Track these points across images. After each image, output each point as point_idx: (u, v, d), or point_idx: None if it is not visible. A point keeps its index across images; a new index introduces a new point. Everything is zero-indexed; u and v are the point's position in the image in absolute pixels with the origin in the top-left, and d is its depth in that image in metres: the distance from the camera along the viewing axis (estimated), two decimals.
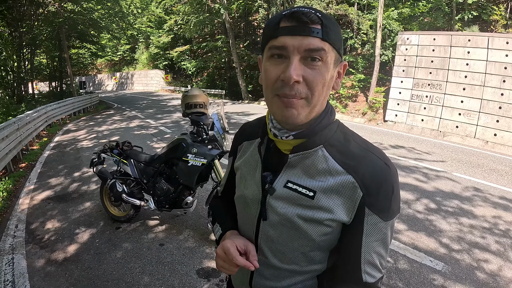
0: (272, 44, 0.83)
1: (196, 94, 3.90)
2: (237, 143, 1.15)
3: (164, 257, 3.65)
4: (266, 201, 0.96)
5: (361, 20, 16.04)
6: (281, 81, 0.81)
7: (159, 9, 34.87)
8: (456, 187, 6.07)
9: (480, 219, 4.75)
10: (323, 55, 0.80)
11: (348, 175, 0.87)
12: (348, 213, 0.88)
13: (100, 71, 51.50)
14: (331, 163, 0.89)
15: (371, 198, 0.86)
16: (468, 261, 3.67)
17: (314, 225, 0.90)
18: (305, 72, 0.80)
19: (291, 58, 0.80)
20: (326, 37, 0.80)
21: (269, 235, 0.97)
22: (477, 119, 11.17)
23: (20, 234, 4.25)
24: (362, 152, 0.90)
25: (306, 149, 0.90)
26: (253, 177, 1.01)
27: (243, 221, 1.08)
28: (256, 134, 1.05)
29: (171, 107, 20.13)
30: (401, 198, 5.20)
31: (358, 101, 16.30)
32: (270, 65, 0.84)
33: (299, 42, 0.79)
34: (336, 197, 0.88)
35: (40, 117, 11.31)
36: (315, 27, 0.79)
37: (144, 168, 4.20)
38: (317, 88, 0.82)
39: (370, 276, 0.91)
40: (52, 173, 6.87)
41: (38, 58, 29.50)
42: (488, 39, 10.96)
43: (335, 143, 0.91)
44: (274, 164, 0.96)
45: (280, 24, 0.81)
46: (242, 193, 1.05)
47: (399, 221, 4.56)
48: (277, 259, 0.98)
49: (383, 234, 0.90)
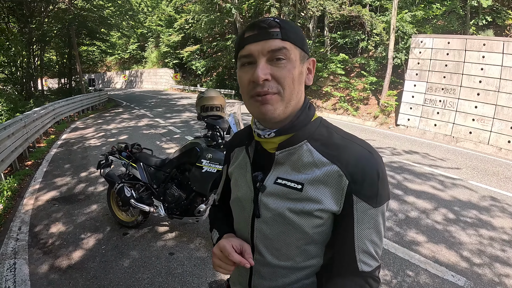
0: (240, 54, 0.92)
1: (213, 96, 3.65)
2: (229, 151, 1.20)
3: (174, 267, 3.48)
4: (258, 199, 0.99)
5: (374, 22, 15.80)
6: (252, 83, 0.89)
7: (170, 8, 34.81)
8: (473, 196, 5.88)
9: (499, 231, 4.58)
10: (286, 53, 0.88)
11: (332, 165, 0.90)
12: (336, 203, 0.90)
13: (109, 69, 51.72)
14: (316, 155, 0.93)
15: (357, 185, 0.88)
16: (490, 276, 3.51)
17: (305, 217, 0.92)
18: (273, 71, 0.88)
19: (258, 61, 0.88)
20: (286, 37, 0.88)
21: (264, 233, 1.00)
22: (491, 125, 10.90)
23: (23, 237, 4.11)
24: (345, 142, 0.93)
25: (291, 145, 0.95)
26: (245, 178, 1.05)
27: (238, 222, 1.11)
28: (245, 140, 1.10)
29: (180, 106, 20.01)
30: (419, 207, 5.12)
31: (369, 104, 16.06)
32: (242, 73, 0.92)
33: (262, 46, 0.88)
34: (323, 187, 0.91)
35: (48, 114, 11.24)
36: (274, 30, 0.88)
37: (154, 173, 4.01)
38: (287, 83, 0.88)
39: (366, 265, 0.92)
40: (58, 172, 6.75)
41: (48, 55, 29.60)
42: (503, 43, 10.70)
43: (319, 137, 0.95)
44: (264, 164, 1.01)
45: (245, 35, 0.91)
46: (236, 196, 1.09)
47: (418, 232, 4.39)
48: (273, 257, 1.00)
49: (375, 221, 0.92)
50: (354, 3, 17.74)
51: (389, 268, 3.53)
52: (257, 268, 1.04)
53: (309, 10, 17.31)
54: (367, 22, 16.32)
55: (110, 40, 31.09)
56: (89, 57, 35.26)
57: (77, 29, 22.71)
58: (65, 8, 20.75)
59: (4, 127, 6.85)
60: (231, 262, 0.97)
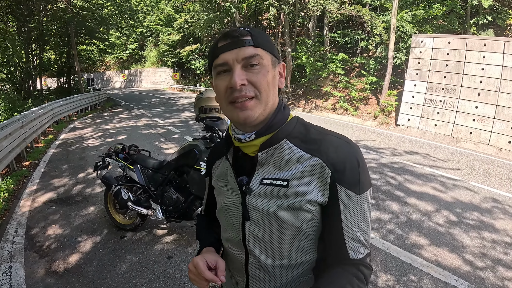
0: (215, 63, 0.95)
1: (212, 97, 3.56)
2: (210, 164, 1.22)
3: (173, 272, 3.41)
4: (246, 202, 1.00)
5: (375, 22, 15.73)
6: (229, 89, 0.92)
7: (169, 7, 34.71)
8: (475, 197, 5.84)
9: (502, 233, 4.53)
10: (259, 59, 0.92)
11: (314, 158, 0.93)
12: (322, 193, 0.93)
13: (108, 68, 51.64)
14: (297, 152, 0.96)
15: (339, 174, 0.91)
16: (493, 280, 3.46)
17: (295, 212, 0.94)
18: (248, 76, 0.91)
19: (233, 68, 0.91)
20: (257, 44, 0.92)
21: (256, 235, 1.00)
22: (491, 126, 10.86)
23: (20, 240, 4.05)
24: (322, 136, 0.97)
25: (272, 145, 0.97)
26: (230, 186, 1.06)
27: (228, 230, 1.11)
28: (223, 149, 1.12)
29: (180, 106, 19.96)
30: (420, 209, 5.07)
31: (369, 104, 16.01)
32: (218, 81, 0.95)
33: (236, 54, 0.91)
34: (307, 180, 0.93)
35: (46, 113, 11.16)
36: (246, 38, 0.92)
37: (152, 175, 3.94)
38: (263, 86, 0.92)
39: (357, 252, 0.94)
40: (55, 173, 6.69)
41: (47, 54, 29.49)
42: (504, 43, 10.65)
43: (297, 135, 0.98)
44: (247, 168, 1.03)
45: (218, 45, 0.94)
46: (222, 204, 1.10)
47: (420, 235, 4.34)
48: (269, 257, 1.01)
49: (360, 208, 0.94)
50: (354, 2, 17.68)
51: (391, 273, 3.48)
52: (253, 272, 1.05)
53: (309, 10, 17.23)
54: (367, 22, 16.25)
55: (109, 39, 30.97)
56: (88, 56, 35.17)
57: (76, 28, 22.60)
58: (64, 7, 20.64)
59: (1, 128, 6.77)
60: (204, 279, 0.98)
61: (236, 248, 1.08)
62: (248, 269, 1.06)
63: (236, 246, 1.08)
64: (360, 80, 16.85)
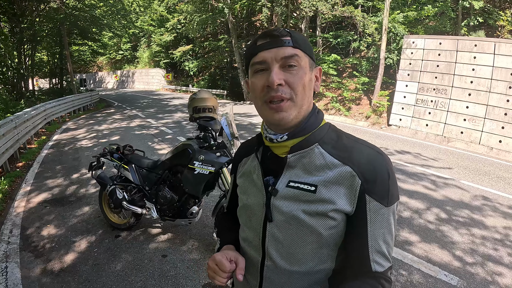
0: (253, 61, 0.96)
1: (205, 97, 3.62)
2: (237, 161, 1.22)
3: (168, 270, 3.45)
4: (270, 203, 0.99)
5: (367, 23, 15.85)
6: (266, 87, 0.93)
7: (162, 8, 34.62)
8: (465, 195, 5.93)
9: (491, 230, 4.63)
10: (298, 60, 0.92)
11: (345, 166, 0.92)
12: (350, 203, 0.92)
13: (101, 69, 51.34)
14: (328, 158, 0.95)
15: (369, 185, 0.90)
16: (482, 275, 3.55)
17: (319, 218, 0.93)
18: (286, 76, 0.91)
19: (272, 67, 0.92)
20: (297, 45, 0.93)
21: (277, 237, 1.00)
22: (482, 125, 11.00)
23: (15, 240, 4.06)
24: (355, 145, 0.97)
25: (302, 148, 0.97)
26: (255, 184, 1.06)
27: (248, 230, 1.10)
28: (253, 149, 1.12)
29: (172, 106, 19.94)
30: (411, 206, 5.15)
31: (361, 104, 16.12)
32: (256, 79, 0.96)
33: (275, 53, 0.92)
34: (336, 188, 0.92)
35: (39, 114, 11.12)
36: (285, 39, 0.93)
37: (146, 174, 3.98)
38: (299, 89, 0.92)
39: (379, 265, 0.93)
40: (49, 173, 6.69)
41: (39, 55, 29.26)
42: (494, 44, 10.79)
43: (329, 141, 0.98)
44: (274, 169, 1.02)
45: (257, 43, 0.95)
46: (245, 203, 1.09)
47: (411, 232, 4.41)
48: (286, 262, 0.99)
49: (387, 220, 0.93)
50: (347, 3, 17.80)
51: None
52: (268, 275, 1.04)
53: (302, 11, 17.33)
54: (359, 23, 16.36)
55: (101, 40, 30.82)
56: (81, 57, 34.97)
57: (68, 28, 22.51)
58: (56, 8, 20.52)
59: None
60: (224, 275, 0.99)
61: (253, 249, 1.07)
62: (263, 271, 1.05)
63: (254, 247, 1.07)
64: (352, 81, 16.96)
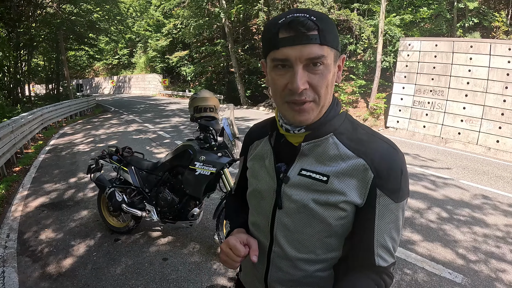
0: (274, 56, 0.88)
1: (207, 96, 3.59)
2: (248, 143, 1.20)
3: (169, 273, 3.40)
4: (281, 190, 0.99)
5: (363, 26, 15.91)
6: (289, 90, 0.87)
7: (158, 13, 34.66)
8: (465, 195, 5.93)
9: (493, 228, 4.64)
10: (324, 59, 0.85)
11: (359, 159, 0.91)
12: (361, 195, 0.91)
13: (97, 74, 51.29)
14: (342, 149, 0.93)
15: (381, 180, 0.90)
16: (486, 272, 3.54)
17: (330, 209, 0.93)
18: (310, 78, 0.86)
19: (295, 68, 0.85)
20: (324, 41, 0.84)
21: (285, 224, 0.99)
22: (479, 126, 11.02)
23: (12, 245, 4.00)
24: (370, 138, 0.95)
25: (317, 138, 0.95)
26: (267, 170, 1.04)
27: (257, 214, 1.09)
28: (265, 133, 1.10)
29: (170, 111, 19.90)
30: (412, 207, 5.13)
31: (359, 107, 16.15)
32: (276, 75, 0.89)
33: (300, 52, 0.83)
34: (348, 180, 0.91)
35: (36, 119, 11.06)
36: (312, 34, 0.83)
37: (146, 176, 3.93)
38: (322, 90, 0.88)
39: (383, 260, 0.93)
40: (47, 178, 6.62)
41: (36, 60, 29.22)
42: (490, 45, 10.85)
43: (344, 131, 0.96)
44: (287, 156, 1.00)
45: (280, 35, 0.85)
46: (255, 187, 1.08)
47: (413, 232, 4.40)
48: (294, 249, 1.00)
49: (395, 216, 0.93)
50: (343, 7, 17.86)
51: None
52: (275, 261, 1.04)
53: None
54: (355, 26, 16.42)
55: (98, 45, 30.81)
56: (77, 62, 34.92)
57: (65, 33, 22.48)
58: (53, 13, 20.56)
59: None
60: (238, 259, 0.99)
61: (262, 234, 1.07)
62: (270, 257, 1.05)
63: (262, 232, 1.07)
64: (349, 84, 16.99)
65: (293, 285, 1.04)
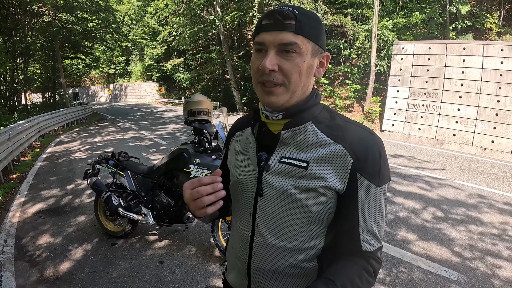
0: (256, 40, 0.95)
1: (200, 100, 3.62)
2: (231, 135, 1.22)
3: (165, 276, 3.42)
4: (262, 178, 1.01)
5: (356, 31, 16.04)
6: (260, 70, 0.92)
7: (154, 21, 34.78)
8: (461, 194, 5.98)
9: (489, 226, 4.68)
10: (296, 47, 0.90)
11: (337, 145, 0.93)
12: (341, 181, 0.93)
13: (93, 83, 51.32)
14: (321, 136, 0.96)
15: (361, 164, 0.91)
16: (482, 269, 3.57)
17: (310, 194, 0.94)
18: (281, 62, 0.90)
19: (268, 51, 0.91)
20: (300, 31, 0.90)
21: (267, 212, 1.00)
22: (474, 127, 11.13)
23: (9, 250, 4.00)
24: (347, 124, 0.97)
25: (296, 125, 0.98)
26: (249, 159, 1.06)
27: (239, 205, 1.10)
28: (247, 124, 1.14)
29: (166, 119, 19.92)
30: (407, 207, 5.16)
31: (354, 112, 16.25)
32: (254, 58, 0.97)
33: (274, 37, 0.90)
34: (328, 166, 0.93)
35: (33, 127, 11.04)
36: (289, 23, 0.89)
37: (142, 180, 3.95)
38: (293, 76, 0.91)
39: (369, 245, 0.94)
40: (44, 185, 6.62)
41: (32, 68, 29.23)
42: (483, 46, 11.00)
43: (323, 120, 0.99)
44: (268, 144, 1.03)
45: (262, 22, 0.94)
46: (237, 178, 1.09)
47: (409, 231, 4.42)
48: (275, 237, 1.00)
49: (378, 200, 0.94)
50: (336, 12, 18.01)
51: (382, 267, 3.53)
52: (257, 251, 1.04)
53: None
54: (349, 31, 16.55)
55: (94, 53, 30.86)
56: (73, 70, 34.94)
57: (61, 42, 22.54)
58: (49, 21, 20.59)
59: None
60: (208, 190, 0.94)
61: (244, 224, 1.08)
62: (252, 247, 1.05)
63: (244, 222, 1.07)
64: (344, 89, 17.10)
65: (276, 277, 1.03)
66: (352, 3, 18.59)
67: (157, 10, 29.86)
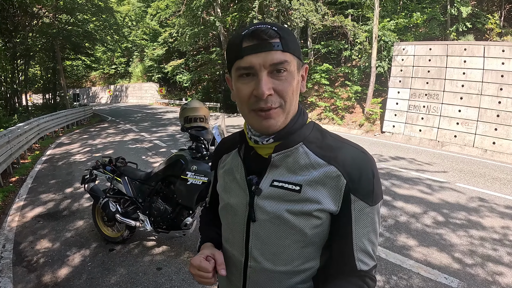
0: (239, 65, 0.88)
1: (197, 106, 3.61)
2: (217, 157, 1.18)
3: (162, 282, 3.39)
4: (254, 202, 0.97)
5: (357, 31, 16.00)
6: (254, 97, 0.88)
7: (154, 22, 34.84)
8: (461, 198, 5.94)
9: (490, 231, 4.64)
10: (287, 65, 0.87)
11: (330, 166, 0.91)
12: (335, 202, 0.91)
13: (94, 84, 51.38)
14: (313, 157, 0.93)
15: (354, 184, 0.90)
16: (483, 276, 3.53)
17: (304, 218, 0.92)
18: (275, 84, 0.87)
19: (259, 75, 0.86)
20: (287, 48, 0.87)
21: (260, 237, 0.98)
22: (475, 128, 11.07)
23: (8, 255, 3.99)
24: (339, 144, 0.95)
25: (287, 147, 0.95)
26: (238, 183, 1.03)
27: (231, 229, 1.07)
28: (234, 146, 1.10)
29: (166, 120, 19.93)
30: (408, 211, 5.13)
31: (355, 113, 16.19)
32: (241, 84, 0.90)
33: (264, 59, 0.85)
34: (321, 188, 0.91)
35: (32, 129, 11.05)
36: (274, 41, 0.86)
37: (139, 186, 3.93)
38: (288, 96, 0.89)
39: (364, 264, 0.93)
40: (43, 188, 6.61)
41: (32, 70, 29.27)
42: (484, 47, 10.94)
43: (314, 140, 0.96)
44: (257, 168, 0.99)
45: (243, 45, 0.87)
46: (227, 202, 1.06)
47: (409, 237, 4.39)
48: (270, 262, 0.98)
49: (371, 219, 0.93)
50: (337, 13, 17.97)
51: (381, 274, 3.51)
52: (251, 276, 1.02)
53: (293, 22, 17.46)
54: (349, 32, 16.51)
55: (94, 54, 30.89)
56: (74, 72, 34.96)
57: (61, 43, 22.56)
58: (49, 23, 20.61)
59: None
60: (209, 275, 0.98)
61: (236, 249, 1.05)
62: (246, 272, 1.03)
63: (237, 247, 1.05)
64: (344, 90, 17.05)
65: None
66: (353, 3, 18.56)
67: (157, 11, 29.95)
